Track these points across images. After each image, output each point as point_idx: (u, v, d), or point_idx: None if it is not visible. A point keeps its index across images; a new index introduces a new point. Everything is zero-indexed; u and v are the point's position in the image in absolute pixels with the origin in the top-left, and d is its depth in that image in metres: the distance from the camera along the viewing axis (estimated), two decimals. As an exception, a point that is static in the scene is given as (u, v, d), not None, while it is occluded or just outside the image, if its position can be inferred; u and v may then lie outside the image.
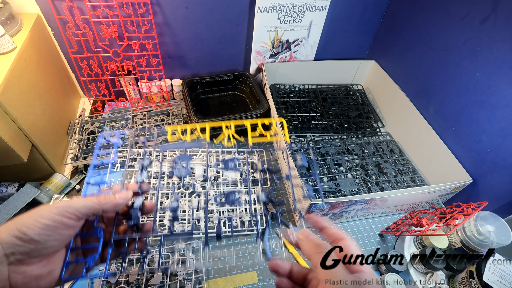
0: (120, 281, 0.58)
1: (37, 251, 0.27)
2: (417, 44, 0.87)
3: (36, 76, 0.70)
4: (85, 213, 0.30)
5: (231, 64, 1.02)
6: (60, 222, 0.28)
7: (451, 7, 0.75)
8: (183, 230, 0.65)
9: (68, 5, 0.74)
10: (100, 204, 0.31)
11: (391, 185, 0.83)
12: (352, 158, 0.89)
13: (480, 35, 0.68)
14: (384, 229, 0.74)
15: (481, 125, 0.70)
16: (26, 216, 0.28)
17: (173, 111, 0.94)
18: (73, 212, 0.29)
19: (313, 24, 0.95)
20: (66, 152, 0.81)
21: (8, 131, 0.58)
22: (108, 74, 0.88)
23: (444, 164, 0.79)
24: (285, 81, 1.08)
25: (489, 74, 0.67)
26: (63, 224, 0.28)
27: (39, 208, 0.28)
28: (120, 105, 0.97)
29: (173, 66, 0.96)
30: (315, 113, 1.00)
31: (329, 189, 0.79)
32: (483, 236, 0.58)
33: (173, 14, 0.83)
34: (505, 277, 0.54)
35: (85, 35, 0.79)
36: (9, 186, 0.70)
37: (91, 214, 0.31)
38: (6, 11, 0.66)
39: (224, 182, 0.75)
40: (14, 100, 0.59)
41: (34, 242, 0.27)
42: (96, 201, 0.31)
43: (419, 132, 0.87)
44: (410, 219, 0.67)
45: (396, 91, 0.95)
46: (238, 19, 0.89)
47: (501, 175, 0.67)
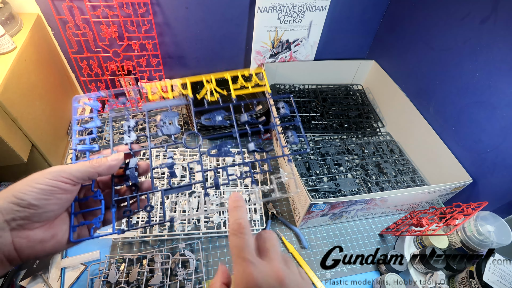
0: (120, 281, 0.59)
1: (37, 215, 0.28)
2: (417, 44, 0.87)
3: (36, 76, 0.70)
4: (79, 177, 0.31)
5: (231, 64, 1.02)
6: (55, 186, 0.29)
7: (451, 7, 0.75)
8: (183, 230, 0.65)
9: (68, 5, 0.74)
10: (94, 167, 0.32)
11: (391, 185, 0.83)
12: (352, 158, 0.89)
13: (480, 35, 0.68)
14: (384, 229, 0.74)
15: (481, 125, 0.70)
16: (20, 183, 0.29)
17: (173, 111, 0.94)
18: (67, 177, 0.30)
19: (313, 24, 0.95)
20: (66, 152, 0.81)
21: (8, 131, 0.58)
22: (108, 74, 0.88)
23: (444, 164, 0.79)
24: (285, 81, 1.08)
25: (489, 74, 0.67)
26: (59, 188, 0.29)
27: (32, 175, 0.29)
28: (120, 105, 0.97)
29: (173, 66, 0.96)
30: (315, 113, 1.00)
31: (329, 189, 0.79)
32: (483, 236, 0.58)
33: (173, 14, 0.83)
34: (505, 277, 0.54)
35: (85, 35, 0.79)
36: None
37: (86, 178, 0.31)
38: (6, 11, 0.66)
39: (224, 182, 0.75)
40: (14, 100, 0.59)
41: (33, 206, 0.28)
42: (89, 165, 0.32)
43: (419, 132, 0.87)
44: (410, 219, 0.67)
45: (396, 91, 0.95)
46: (238, 19, 0.89)
47: (501, 175, 0.67)
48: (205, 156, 0.78)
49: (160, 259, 0.62)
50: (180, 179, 0.73)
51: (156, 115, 0.93)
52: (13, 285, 0.58)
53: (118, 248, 0.66)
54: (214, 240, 0.69)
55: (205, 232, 0.67)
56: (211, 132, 0.85)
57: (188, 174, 0.74)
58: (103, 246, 0.66)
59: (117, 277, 0.59)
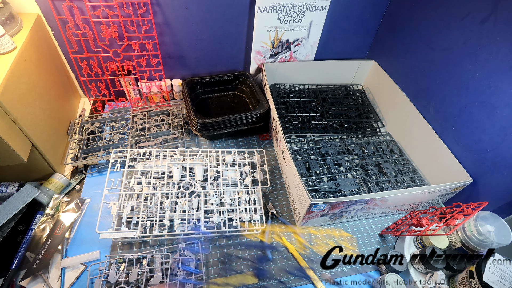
0: (120, 281, 0.58)
1: None
2: (417, 44, 0.87)
3: (36, 76, 0.70)
4: None
5: (231, 64, 1.02)
6: None
7: (451, 7, 0.75)
8: (183, 230, 0.65)
9: (68, 5, 0.74)
10: None
11: (391, 185, 0.83)
12: (352, 158, 0.89)
13: (480, 35, 0.68)
14: (384, 229, 0.74)
15: (481, 125, 0.70)
16: None
17: (173, 111, 0.94)
18: None
19: (313, 24, 0.95)
20: (66, 152, 0.81)
21: (8, 131, 0.58)
22: (108, 74, 0.88)
23: (444, 164, 0.79)
24: (285, 81, 1.08)
25: (489, 74, 0.67)
26: None
27: None
28: (120, 105, 0.97)
29: (173, 66, 0.96)
30: (315, 113, 1.00)
31: (329, 189, 0.79)
32: (483, 236, 0.58)
33: (173, 14, 0.83)
34: (505, 277, 0.54)
35: (85, 35, 0.79)
36: (9, 186, 0.70)
37: None
38: (6, 11, 0.66)
39: (224, 182, 0.75)
40: (14, 100, 0.59)
41: None
42: None
43: (419, 132, 0.87)
44: (410, 219, 0.67)
45: (396, 91, 0.95)
46: (238, 19, 0.89)
47: (501, 175, 0.67)
48: (205, 156, 0.78)
49: (160, 259, 0.62)
50: (180, 179, 0.73)
51: (156, 115, 0.93)
52: (13, 285, 0.58)
53: (118, 248, 0.66)
54: (214, 240, 0.69)
55: (205, 232, 0.67)
56: (210, 132, 0.85)
57: (187, 174, 0.74)
58: (103, 246, 0.66)
59: (117, 277, 0.59)
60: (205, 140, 0.92)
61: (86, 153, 0.81)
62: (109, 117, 0.91)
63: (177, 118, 0.92)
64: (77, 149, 0.82)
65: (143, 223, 0.65)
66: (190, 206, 0.69)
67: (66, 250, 0.64)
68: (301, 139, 0.94)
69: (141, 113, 0.93)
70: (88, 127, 0.88)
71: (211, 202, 0.70)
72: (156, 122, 0.91)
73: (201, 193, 0.71)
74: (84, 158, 0.80)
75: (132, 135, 0.86)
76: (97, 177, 0.79)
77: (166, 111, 0.94)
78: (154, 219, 0.66)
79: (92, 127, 0.88)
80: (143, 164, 0.74)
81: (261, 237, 0.70)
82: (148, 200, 0.69)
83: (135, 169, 0.73)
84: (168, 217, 0.66)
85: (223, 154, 0.79)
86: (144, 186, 0.71)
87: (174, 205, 0.69)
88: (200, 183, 0.73)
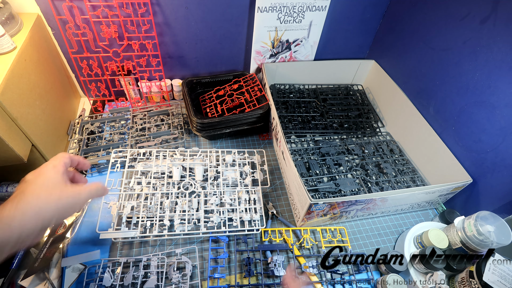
0: (115, 284, 0.58)
1: None
2: (417, 44, 0.87)
3: (36, 76, 0.70)
4: None
5: (231, 64, 1.02)
6: None
7: (451, 7, 0.75)
8: (183, 230, 0.65)
9: (68, 5, 0.74)
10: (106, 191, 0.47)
11: (391, 185, 0.83)
12: (352, 158, 0.89)
13: (480, 35, 0.68)
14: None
15: (481, 125, 0.70)
16: None
17: (173, 111, 0.94)
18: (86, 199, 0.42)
19: (313, 24, 0.95)
20: (66, 152, 0.81)
21: (8, 131, 0.58)
22: (108, 74, 0.88)
23: (444, 164, 0.79)
24: (285, 81, 1.08)
25: (489, 74, 0.67)
26: None
27: None
28: (120, 105, 0.97)
29: (173, 66, 0.96)
30: (315, 113, 1.00)
31: (329, 189, 0.79)
32: (483, 236, 0.58)
33: (173, 14, 0.83)
34: (505, 277, 0.54)
35: (85, 35, 0.79)
36: (9, 186, 0.70)
37: None
38: (6, 11, 0.66)
39: (224, 182, 0.75)
40: (14, 100, 0.59)
41: None
42: None
43: (419, 132, 0.87)
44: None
45: (396, 91, 0.95)
46: (238, 19, 0.89)
47: (501, 175, 0.67)
48: (205, 156, 0.78)
49: (155, 262, 0.62)
50: (180, 179, 0.73)
51: (156, 115, 0.93)
52: (13, 285, 0.58)
53: (118, 248, 0.66)
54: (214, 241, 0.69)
55: (205, 232, 0.67)
56: (210, 132, 0.85)
57: (187, 174, 0.74)
58: (103, 246, 0.66)
59: (112, 280, 0.58)
60: (205, 140, 0.92)
61: (86, 153, 0.81)
62: (109, 117, 0.91)
63: (177, 118, 0.92)
64: (77, 149, 0.82)
65: (143, 223, 0.65)
66: (190, 206, 0.69)
67: (66, 250, 0.65)
68: (301, 139, 0.94)
69: (141, 113, 0.93)
70: (88, 127, 0.88)
71: (211, 202, 0.70)
72: (156, 122, 0.91)
73: (201, 193, 0.71)
74: (84, 158, 0.80)
75: (132, 135, 0.86)
76: (97, 177, 0.79)
77: (166, 111, 0.94)
78: (154, 219, 0.66)
79: (92, 127, 0.88)
80: (143, 164, 0.74)
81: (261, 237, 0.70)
82: (148, 200, 0.69)
83: (135, 169, 0.73)
84: (168, 217, 0.66)
85: (223, 154, 0.79)
86: (144, 186, 0.71)
87: (174, 205, 0.69)
88: (200, 183, 0.73)
